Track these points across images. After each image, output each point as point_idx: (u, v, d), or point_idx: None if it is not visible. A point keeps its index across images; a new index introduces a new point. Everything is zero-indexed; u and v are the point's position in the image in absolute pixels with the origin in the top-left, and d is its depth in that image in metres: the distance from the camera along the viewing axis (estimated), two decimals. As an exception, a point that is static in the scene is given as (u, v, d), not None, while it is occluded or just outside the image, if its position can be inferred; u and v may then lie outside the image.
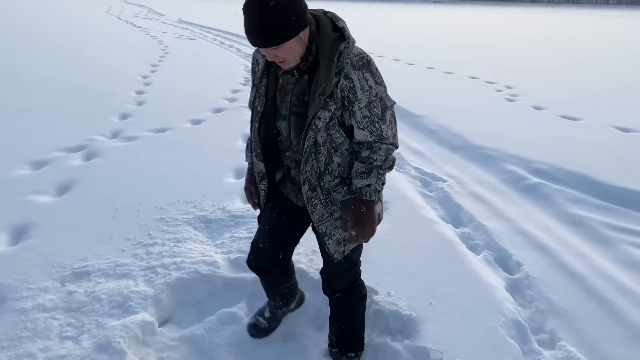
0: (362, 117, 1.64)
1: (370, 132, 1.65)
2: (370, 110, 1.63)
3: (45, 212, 3.31)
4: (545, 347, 2.33)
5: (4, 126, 5.24)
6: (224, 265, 2.75)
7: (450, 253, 2.98)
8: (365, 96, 1.61)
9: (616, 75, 9.81)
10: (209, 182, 3.87)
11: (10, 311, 2.34)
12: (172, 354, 2.21)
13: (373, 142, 1.67)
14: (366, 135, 1.66)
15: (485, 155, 4.79)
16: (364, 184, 1.69)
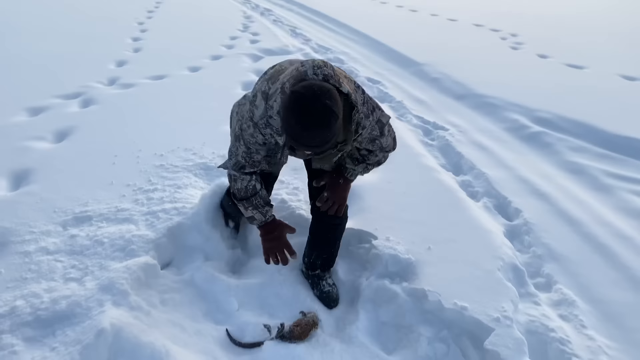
0: (364, 139, 1.95)
1: (372, 146, 2.01)
2: (370, 133, 1.93)
3: (45, 158, 3.30)
4: (542, 290, 2.37)
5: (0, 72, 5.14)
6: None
7: (450, 200, 2.99)
8: (367, 132, 1.92)
9: (626, 23, 9.54)
10: (208, 129, 3.83)
11: (13, 254, 2.37)
12: (174, 296, 2.26)
13: (374, 151, 2.05)
14: (368, 149, 2.04)
15: (488, 103, 4.72)
16: (351, 167, 2.14)
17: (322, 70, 1.72)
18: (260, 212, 2.07)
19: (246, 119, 1.87)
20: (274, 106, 1.76)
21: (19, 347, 1.85)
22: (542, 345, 2.03)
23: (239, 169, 1.99)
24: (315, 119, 1.56)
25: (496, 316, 2.05)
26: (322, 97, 1.56)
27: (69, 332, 1.91)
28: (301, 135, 1.60)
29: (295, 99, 1.58)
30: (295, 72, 1.74)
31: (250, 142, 1.90)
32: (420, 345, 2.07)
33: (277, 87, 1.76)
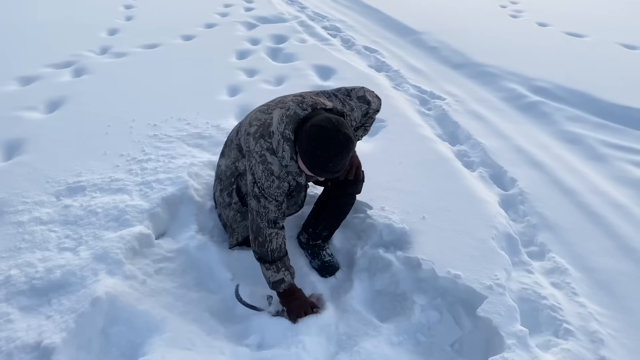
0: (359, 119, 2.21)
1: (366, 116, 2.25)
2: (361, 112, 2.19)
3: (37, 129, 3.26)
4: (535, 259, 2.39)
5: (-12, 41, 5.05)
6: (219, 180, 2.74)
7: (446, 170, 2.98)
8: (358, 115, 2.20)
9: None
10: (202, 99, 3.79)
11: (7, 224, 2.36)
12: (169, 265, 2.26)
13: (369, 118, 2.29)
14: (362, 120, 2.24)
15: (486, 72, 4.66)
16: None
17: (306, 102, 1.90)
18: (290, 272, 2.06)
19: (266, 177, 1.95)
20: (285, 156, 1.90)
21: (14, 315, 1.87)
22: (534, 312, 2.05)
23: (274, 225, 2.01)
24: (340, 149, 1.75)
25: (489, 284, 2.06)
26: (341, 127, 1.75)
27: (64, 300, 1.92)
28: (328, 165, 1.78)
29: (318, 136, 1.75)
30: (285, 117, 1.89)
31: (277, 194, 1.98)
32: (414, 312, 2.10)
33: (277, 139, 1.90)
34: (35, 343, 1.72)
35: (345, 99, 2.16)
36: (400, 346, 1.99)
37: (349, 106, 2.14)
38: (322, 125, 1.76)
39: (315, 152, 1.76)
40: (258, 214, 1.99)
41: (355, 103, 2.17)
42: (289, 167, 1.94)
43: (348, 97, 2.17)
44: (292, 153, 1.89)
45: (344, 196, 2.34)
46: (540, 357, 1.77)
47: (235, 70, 4.46)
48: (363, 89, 2.24)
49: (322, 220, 2.39)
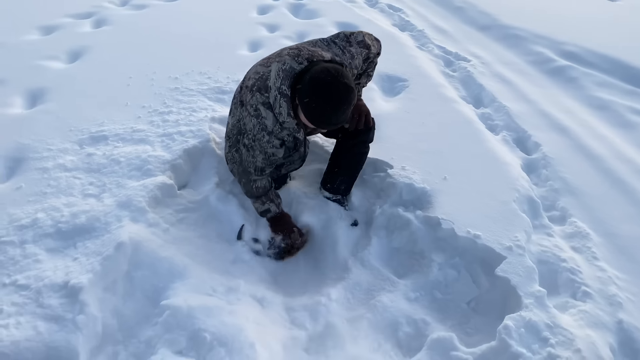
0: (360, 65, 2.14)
1: (367, 61, 2.19)
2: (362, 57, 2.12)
3: (59, 78, 3.26)
4: (556, 223, 2.37)
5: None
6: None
7: (469, 132, 2.93)
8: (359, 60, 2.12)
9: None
10: (223, 53, 3.74)
11: (32, 170, 2.39)
12: (191, 215, 2.30)
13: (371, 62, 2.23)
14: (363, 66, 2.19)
15: (513, 35, 4.52)
16: (355, 82, 2.21)
17: (302, 56, 1.86)
18: (274, 203, 2.23)
19: (257, 131, 1.98)
20: (282, 112, 1.89)
21: (42, 256, 1.91)
22: (553, 274, 2.05)
23: (261, 172, 2.13)
24: (342, 99, 1.72)
25: (508, 245, 2.06)
26: (340, 77, 1.72)
27: (89, 244, 1.96)
28: (330, 117, 1.75)
29: (318, 86, 1.72)
30: (281, 72, 1.86)
31: (267, 147, 2.02)
32: (431, 270, 2.11)
33: (274, 94, 1.88)
34: (62, 282, 1.77)
35: (344, 45, 2.08)
36: (417, 301, 2.02)
37: (349, 54, 2.06)
38: (321, 77, 1.73)
39: (316, 105, 1.74)
40: (246, 161, 2.11)
41: (355, 49, 2.09)
42: (286, 123, 1.93)
43: (348, 44, 2.10)
44: (289, 109, 1.87)
45: (356, 146, 2.35)
46: (557, 316, 1.78)
47: (256, 25, 4.39)
48: (362, 33, 2.17)
49: (339, 174, 2.40)
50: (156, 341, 1.67)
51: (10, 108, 2.92)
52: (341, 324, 1.91)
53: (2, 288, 1.78)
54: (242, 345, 1.66)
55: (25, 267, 1.86)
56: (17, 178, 2.35)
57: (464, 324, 1.96)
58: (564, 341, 1.70)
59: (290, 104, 1.86)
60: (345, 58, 2.02)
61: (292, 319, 1.93)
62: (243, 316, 1.78)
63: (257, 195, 2.20)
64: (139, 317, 1.81)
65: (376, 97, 3.24)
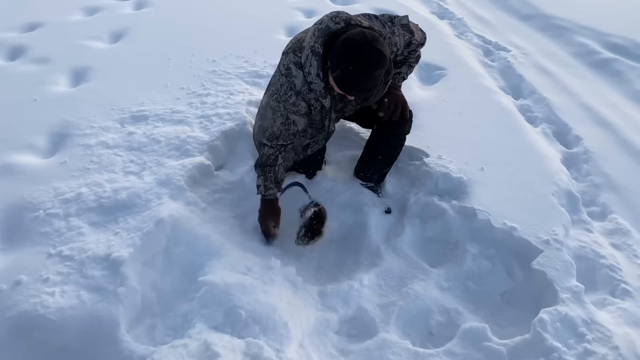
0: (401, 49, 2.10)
1: (409, 48, 2.16)
2: (404, 41, 2.09)
3: (102, 58, 3.34)
4: (595, 219, 2.32)
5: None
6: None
7: (507, 123, 2.88)
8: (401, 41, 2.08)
9: None
10: (260, 37, 3.75)
11: (76, 146, 2.47)
12: (227, 196, 2.34)
13: (413, 50, 2.19)
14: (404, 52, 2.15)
15: (556, 25, 4.39)
16: (396, 72, 2.19)
17: (340, 17, 1.79)
18: (265, 184, 2.10)
19: (285, 90, 1.93)
20: (312, 71, 1.82)
21: (85, 229, 1.98)
22: (591, 270, 2.01)
23: (273, 139, 2.05)
24: (372, 62, 1.66)
25: (546, 238, 2.02)
26: (374, 42, 1.67)
27: (130, 220, 2.01)
28: (358, 80, 1.69)
29: (350, 47, 1.67)
30: (317, 32, 1.79)
31: (290, 110, 1.96)
32: (465, 261, 2.10)
33: (306, 53, 1.82)
34: (105, 255, 1.83)
35: (386, 22, 2.02)
36: (449, 291, 2.01)
37: (390, 29, 1.99)
38: (355, 39, 1.67)
39: (345, 66, 1.68)
40: (266, 123, 2.06)
41: (398, 29, 2.03)
42: (313, 84, 1.86)
43: (391, 22, 2.03)
44: (318, 69, 1.81)
45: (392, 137, 2.31)
46: (594, 313, 1.75)
47: (293, 10, 4.38)
48: (407, 17, 2.11)
49: (372, 164, 2.39)
50: (193, 316, 1.71)
51: (55, 86, 3.01)
52: (372, 309, 1.93)
53: (48, 258, 1.85)
54: (276, 324, 1.69)
55: (69, 239, 1.93)
56: (62, 153, 2.43)
57: (497, 316, 1.94)
58: (601, 338, 1.67)
59: (320, 64, 1.80)
60: (385, 31, 1.96)
61: (324, 302, 1.95)
62: (277, 296, 1.81)
63: (260, 164, 2.10)
64: (177, 291, 1.86)
65: (413, 85, 3.21)
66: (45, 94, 2.89)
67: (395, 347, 1.74)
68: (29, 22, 3.87)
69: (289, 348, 1.65)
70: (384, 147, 2.35)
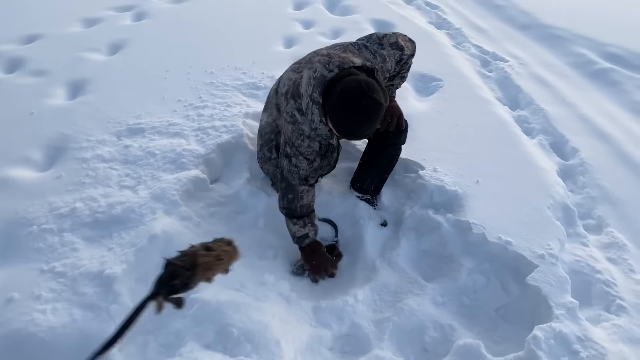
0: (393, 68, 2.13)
1: (400, 64, 2.17)
2: (395, 59, 2.10)
3: (100, 70, 3.35)
4: (591, 232, 2.31)
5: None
6: (272, 131, 2.76)
7: (503, 135, 2.87)
8: (392, 63, 2.10)
9: None
10: (258, 49, 3.77)
11: (72, 159, 2.48)
12: (222, 209, 2.34)
13: (405, 64, 2.21)
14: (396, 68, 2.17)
15: (554, 35, 4.40)
16: (389, 85, 2.26)
17: (333, 63, 1.85)
18: (314, 229, 2.13)
19: (296, 137, 1.97)
20: (315, 119, 1.90)
21: (79, 245, 1.98)
22: (586, 285, 2.00)
23: (305, 182, 2.06)
24: (369, 115, 1.74)
25: (541, 253, 2.02)
26: (370, 92, 1.71)
27: (124, 235, 2.02)
28: (356, 130, 1.80)
29: (346, 101, 1.74)
30: (312, 80, 1.86)
31: (308, 153, 2.00)
32: (460, 275, 2.09)
33: (306, 102, 1.89)
34: (97, 271, 1.83)
35: (376, 49, 2.04)
36: (444, 306, 2.00)
37: (381, 57, 2.03)
38: (351, 91, 1.73)
39: (343, 118, 1.77)
40: (289, 172, 2.04)
41: (387, 51, 2.07)
42: (318, 129, 1.93)
43: (380, 46, 2.07)
44: (321, 116, 1.88)
45: (388, 148, 2.34)
46: (589, 329, 1.74)
47: (292, 22, 4.40)
48: (395, 34, 2.14)
49: (369, 175, 2.40)
50: (185, 333, 1.71)
51: (53, 99, 3.02)
52: (367, 325, 1.92)
53: (40, 274, 1.85)
54: (268, 342, 1.68)
55: (62, 255, 1.93)
56: (58, 167, 2.44)
57: (492, 332, 1.93)
58: (595, 355, 1.66)
59: (322, 111, 1.87)
60: (377, 62, 2.01)
61: (317, 318, 1.94)
62: (270, 313, 1.81)
63: (299, 215, 2.08)
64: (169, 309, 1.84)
65: (409, 97, 3.21)
66: (43, 107, 2.91)
67: (389, 364, 1.73)
68: (27, 34, 3.90)
69: (281, 366, 1.65)
70: (380, 157, 2.37)
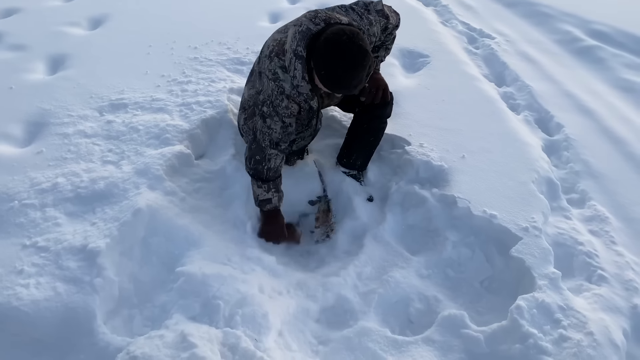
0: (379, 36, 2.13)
1: (386, 32, 2.18)
2: (381, 27, 2.10)
3: (80, 45, 3.28)
4: (574, 206, 2.34)
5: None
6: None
7: (489, 110, 2.88)
8: (378, 29, 2.08)
9: None
10: (243, 24, 3.70)
11: (53, 135, 2.43)
12: (207, 185, 2.31)
13: (389, 34, 2.22)
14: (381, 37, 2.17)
15: (541, 12, 4.40)
16: (374, 56, 2.13)
17: (319, 17, 1.81)
18: (279, 195, 2.10)
19: (276, 95, 1.92)
20: (297, 75, 1.84)
21: (61, 220, 1.95)
22: (569, 257, 2.03)
23: (276, 145, 2.01)
24: (356, 60, 1.68)
25: (525, 226, 2.04)
26: (356, 39, 1.68)
27: (108, 210, 1.99)
28: (344, 78, 1.71)
29: (332, 46, 1.69)
30: (297, 34, 1.80)
31: (285, 114, 1.95)
32: (445, 248, 2.10)
33: (289, 57, 1.83)
34: (81, 246, 1.81)
35: (362, 12, 2.03)
36: (429, 279, 2.02)
37: (367, 20, 2.01)
38: (336, 38, 1.69)
39: (329, 65, 1.71)
40: (262, 133, 2.00)
41: (374, 17, 2.05)
42: (300, 87, 1.87)
43: (366, 11, 2.05)
44: (303, 72, 1.82)
45: (373, 121, 2.33)
46: (571, 299, 1.77)
47: (277, -4, 4.33)
48: (381, 2, 2.12)
49: (355, 149, 2.39)
50: (170, 306, 1.71)
51: (32, 73, 2.95)
52: (353, 298, 1.93)
53: (22, 249, 1.82)
54: (255, 314, 1.69)
55: (45, 230, 1.90)
56: (38, 143, 2.39)
57: (476, 303, 1.96)
58: (577, 324, 1.69)
59: (305, 66, 1.81)
60: (363, 24, 1.98)
61: (304, 290, 1.95)
62: (256, 286, 1.81)
63: (265, 179, 2.05)
64: (155, 282, 1.84)
65: (396, 73, 3.19)
66: (22, 82, 2.84)
67: (375, 335, 1.74)
68: (5, 8, 3.79)
69: (267, 338, 1.65)
70: (366, 131, 2.36)
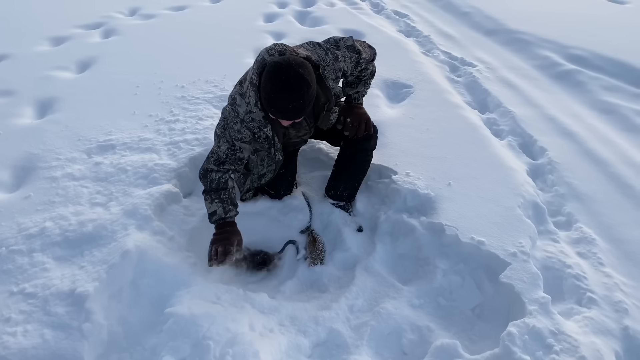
0: (350, 70, 2.14)
1: (359, 67, 2.20)
2: (351, 62, 2.13)
3: (68, 88, 3.32)
4: (561, 229, 2.36)
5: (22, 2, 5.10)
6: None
7: (474, 137, 2.93)
8: (347, 64, 2.10)
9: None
10: (229, 62, 3.78)
11: (41, 179, 2.44)
12: (195, 222, 2.32)
13: (363, 69, 2.22)
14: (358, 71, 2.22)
15: (519, 40, 4.51)
16: (354, 92, 2.31)
17: (276, 49, 1.88)
18: (223, 207, 2.01)
19: (231, 118, 1.99)
20: (250, 101, 1.91)
21: (49, 264, 1.95)
22: (558, 280, 2.03)
23: (219, 164, 2.04)
24: (291, 84, 1.72)
25: (513, 251, 2.05)
26: (295, 67, 1.73)
27: (96, 252, 1.99)
28: (278, 101, 1.75)
29: (270, 71, 1.75)
30: (255, 64, 1.89)
31: (235, 137, 2.01)
32: (436, 277, 2.10)
33: (247, 85, 1.93)
34: (69, 290, 1.80)
35: (330, 48, 2.05)
36: (421, 308, 2.01)
37: (333, 55, 2.02)
38: (277, 65, 1.74)
39: (265, 88, 1.76)
40: (211, 152, 2.07)
41: (343, 52, 2.08)
42: (252, 113, 1.94)
43: (335, 47, 2.09)
44: (256, 98, 1.88)
45: (358, 154, 2.39)
46: (562, 323, 1.77)
47: (262, 34, 4.43)
48: (352, 38, 2.17)
49: (342, 181, 2.42)
50: (161, 348, 1.68)
51: (20, 118, 2.98)
52: (345, 331, 1.92)
53: (10, 296, 1.81)
54: (246, 353, 1.67)
55: (32, 276, 1.89)
56: (26, 187, 2.40)
57: (469, 331, 1.95)
58: (569, 348, 1.68)
59: (257, 94, 1.87)
60: (328, 59, 2.01)
61: (295, 326, 1.93)
62: (247, 323, 1.79)
63: (209, 190, 2.02)
64: (144, 324, 1.83)
65: (381, 104, 3.25)
66: (10, 127, 2.87)
67: (368, 368, 1.73)
68: (-6, 55, 3.85)
69: (259, 376, 1.63)
70: (352, 163, 2.40)
